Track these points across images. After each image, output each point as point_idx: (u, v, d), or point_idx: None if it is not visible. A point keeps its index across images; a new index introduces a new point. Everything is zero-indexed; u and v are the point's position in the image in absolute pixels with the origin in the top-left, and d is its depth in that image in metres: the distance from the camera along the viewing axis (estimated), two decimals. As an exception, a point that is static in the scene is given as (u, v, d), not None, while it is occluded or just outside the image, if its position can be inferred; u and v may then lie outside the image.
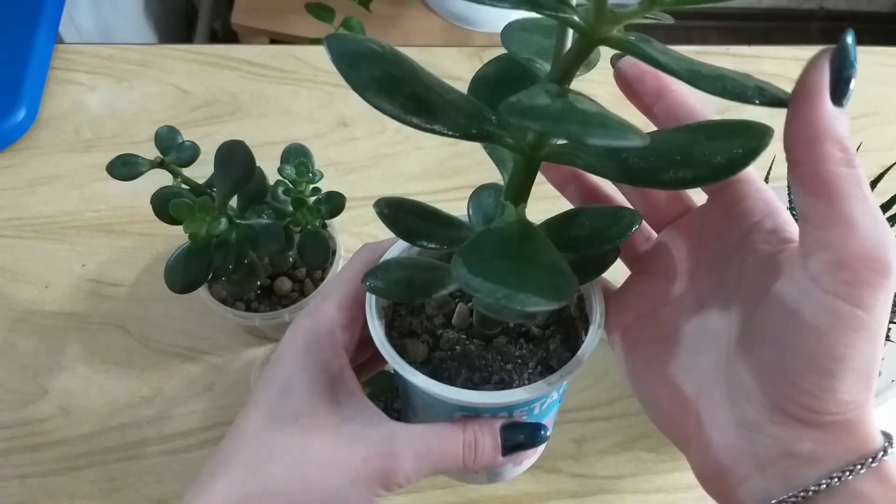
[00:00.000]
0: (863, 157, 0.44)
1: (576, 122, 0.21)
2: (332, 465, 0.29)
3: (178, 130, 0.46)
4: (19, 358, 0.55)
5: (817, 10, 1.67)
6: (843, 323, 0.22)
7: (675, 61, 0.25)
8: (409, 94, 0.28)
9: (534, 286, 0.24)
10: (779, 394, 0.24)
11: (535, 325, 0.34)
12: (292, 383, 0.31)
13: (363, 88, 0.27)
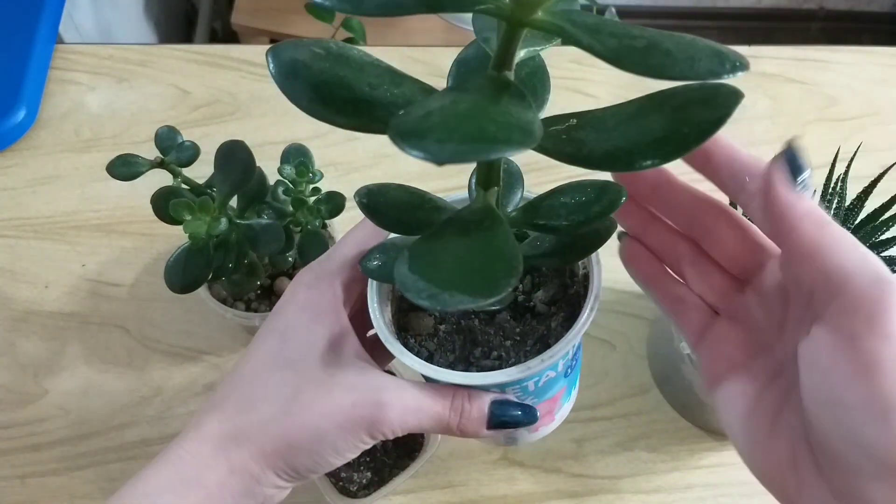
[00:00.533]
0: (863, 157, 0.44)
1: (446, 134, 0.21)
2: (321, 407, 0.30)
3: (178, 130, 0.46)
4: (19, 358, 0.55)
5: (817, 10, 1.67)
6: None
7: (603, 38, 0.23)
8: (347, 99, 0.27)
9: (463, 284, 0.25)
10: (838, 469, 0.23)
11: (541, 302, 0.34)
12: (290, 332, 0.32)
13: (298, 98, 0.27)
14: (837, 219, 0.42)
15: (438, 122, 0.22)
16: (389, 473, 0.49)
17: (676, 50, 0.23)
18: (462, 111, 0.23)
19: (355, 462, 0.49)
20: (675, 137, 0.25)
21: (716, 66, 0.23)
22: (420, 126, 0.22)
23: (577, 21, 0.24)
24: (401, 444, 0.50)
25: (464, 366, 0.33)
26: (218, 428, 0.31)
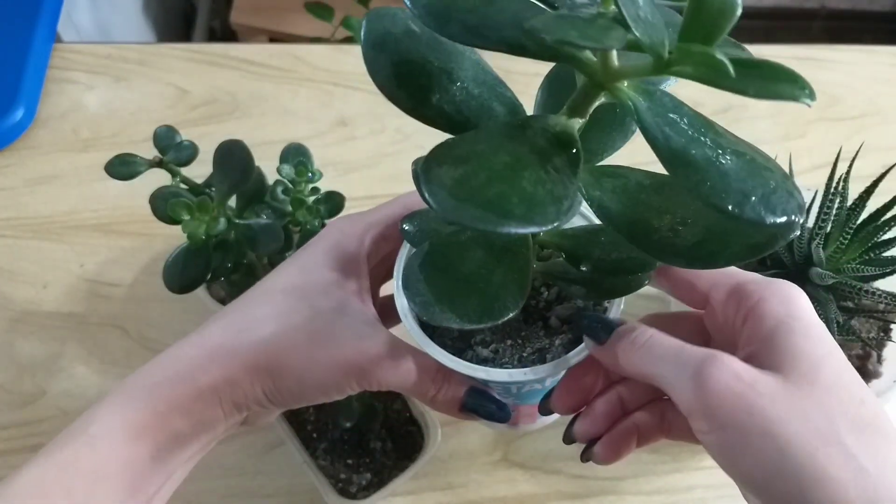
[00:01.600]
0: (863, 156, 0.44)
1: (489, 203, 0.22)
2: (322, 345, 0.31)
3: (176, 130, 0.45)
4: (17, 358, 0.55)
5: (819, 8, 1.67)
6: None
7: (669, 135, 0.23)
8: (422, 85, 0.27)
9: (459, 303, 0.26)
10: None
11: (556, 317, 0.34)
12: (313, 269, 0.33)
13: (375, 72, 0.28)
14: (839, 219, 0.42)
15: (464, 176, 0.22)
16: (389, 475, 0.48)
17: (734, 177, 0.22)
18: (494, 169, 0.23)
19: (355, 463, 0.49)
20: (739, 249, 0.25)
21: (761, 212, 0.22)
22: (445, 175, 0.22)
23: (653, 105, 0.23)
24: (400, 445, 0.50)
25: (462, 346, 0.34)
26: (219, 337, 0.32)
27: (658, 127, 0.23)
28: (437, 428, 0.48)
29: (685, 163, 0.22)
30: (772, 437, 0.25)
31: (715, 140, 0.23)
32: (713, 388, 0.26)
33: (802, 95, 0.21)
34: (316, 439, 0.50)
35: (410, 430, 0.51)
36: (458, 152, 0.23)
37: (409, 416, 0.51)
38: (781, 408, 0.25)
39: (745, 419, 0.25)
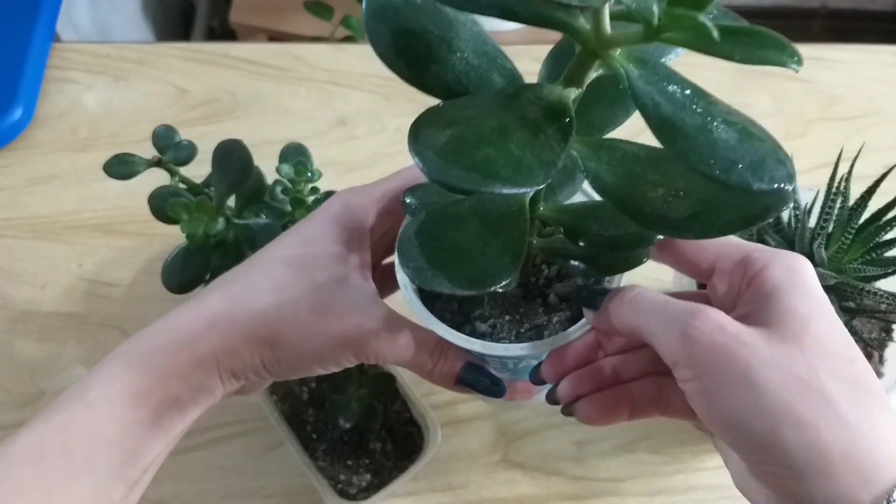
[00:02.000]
0: (864, 156, 0.44)
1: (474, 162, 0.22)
2: (322, 316, 0.32)
3: (175, 129, 0.45)
4: (16, 358, 0.55)
5: (820, 8, 1.67)
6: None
7: (659, 101, 0.23)
8: (422, 54, 0.27)
9: (452, 271, 0.26)
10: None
11: (556, 294, 0.35)
12: (315, 240, 0.33)
13: (376, 41, 0.27)
14: (841, 219, 0.42)
15: (452, 138, 0.23)
16: (389, 476, 0.48)
17: (722, 145, 0.22)
18: (482, 133, 0.23)
19: (355, 464, 0.49)
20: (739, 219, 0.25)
21: (748, 178, 0.22)
22: (433, 136, 0.23)
23: (645, 72, 0.23)
24: (400, 446, 0.50)
25: (461, 320, 0.35)
26: (219, 305, 0.32)
27: (648, 95, 0.23)
28: (436, 429, 0.48)
29: (674, 130, 0.22)
30: (751, 381, 0.25)
31: (706, 109, 0.23)
32: (696, 337, 0.26)
33: (790, 61, 0.21)
34: (316, 440, 0.50)
35: (410, 431, 0.51)
36: (448, 116, 0.24)
37: (408, 416, 0.51)
38: (763, 356, 0.25)
39: (725, 365, 0.25)
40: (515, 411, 0.53)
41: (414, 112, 0.26)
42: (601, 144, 0.28)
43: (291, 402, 0.51)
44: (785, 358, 0.25)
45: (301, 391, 0.51)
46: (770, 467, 0.26)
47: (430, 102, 0.31)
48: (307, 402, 0.51)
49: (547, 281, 0.35)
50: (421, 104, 0.74)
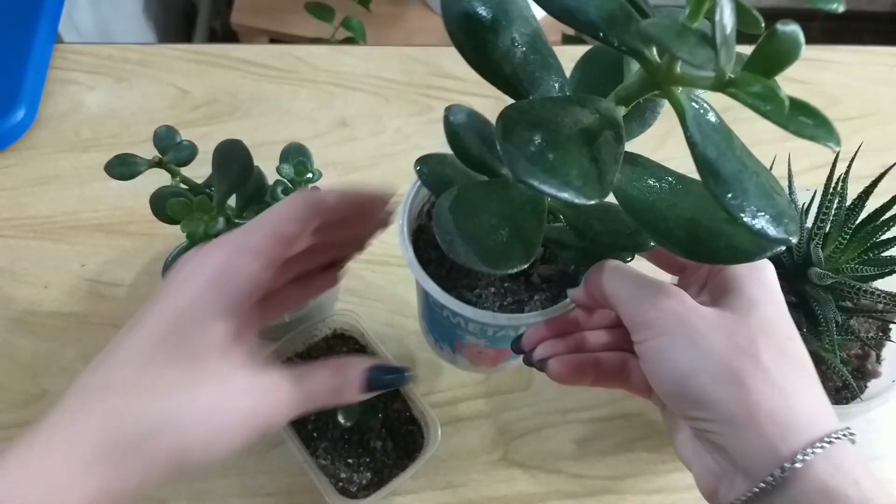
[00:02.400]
0: (863, 156, 0.44)
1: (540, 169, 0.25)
2: (221, 410, 0.28)
3: (176, 130, 0.45)
4: (18, 358, 0.55)
5: (818, 8, 1.67)
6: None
7: (708, 149, 0.26)
8: (488, 41, 0.30)
9: (482, 250, 0.29)
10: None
11: (539, 275, 0.38)
12: (191, 315, 0.29)
13: (449, 22, 0.30)
14: (838, 219, 0.42)
15: (539, 144, 0.26)
16: (389, 474, 0.48)
17: (752, 194, 0.25)
18: (561, 142, 0.26)
19: (355, 463, 0.49)
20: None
21: (769, 228, 0.26)
22: (523, 138, 0.26)
23: (697, 114, 0.26)
24: (401, 444, 0.50)
25: (448, 286, 0.37)
26: (97, 434, 0.26)
27: (699, 135, 0.26)
28: (437, 427, 0.48)
29: (715, 172, 0.26)
30: (697, 343, 0.28)
31: (740, 158, 0.27)
32: (657, 304, 0.29)
33: (834, 144, 0.24)
34: (316, 438, 0.50)
35: (410, 429, 0.51)
36: (531, 117, 0.27)
37: (409, 415, 0.51)
38: (711, 324, 0.29)
39: (676, 328, 0.29)
40: (515, 410, 0.54)
41: (414, 113, 0.26)
42: (627, 158, 0.30)
43: None
44: (729, 328, 0.29)
45: None
46: (705, 423, 0.28)
47: (429, 104, 0.32)
48: None
49: (532, 263, 0.37)
50: (422, 105, 0.75)
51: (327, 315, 0.53)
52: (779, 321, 0.30)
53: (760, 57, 0.23)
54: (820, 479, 0.26)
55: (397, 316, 0.57)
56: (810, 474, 0.26)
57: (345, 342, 0.54)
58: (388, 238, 0.63)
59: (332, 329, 0.54)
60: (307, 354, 0.54)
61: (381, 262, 0.59)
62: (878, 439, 0.54)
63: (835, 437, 0.27)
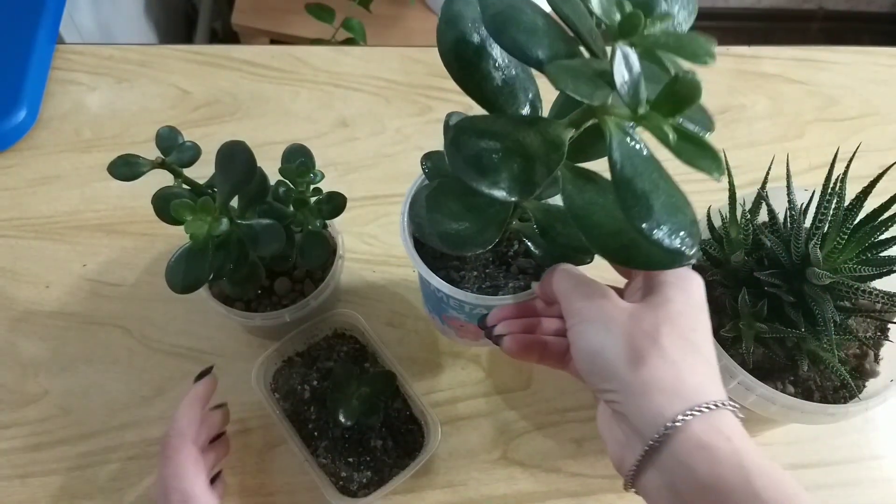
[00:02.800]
0: (862, 157, 0.44)
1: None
2: None
3: (178, 131, 0.46)
4: (20, 358, 0.55)
5: (817, 10, 1.67)
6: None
7: (625, 169, 0.31)
8: (473, 63, 0.35)
9: (445, 234, 0.34)
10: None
11: (517, 266, 0.44)
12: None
13: (440, 43, 0.34)
14: (836, 219, 0.42)
15: (477, 150, 0.31)
16: (389, 473, 0.49)
17: (657, 210, 0.30)
18: (498, 151, 0.32)
19: (355, 461, 0.49)
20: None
21: (664, 239, 0.30)
22: (467, 144, 0.31)
23: (622, 139, 0.31)
24: (401, 443, 0.50)
25: (438, 266, 0.42)
26: None
27: (618, 157, 0.31)
28: (437, 426, 0.49)
29: (627, 188, 0.31)
30: (608, 327, 0.33)
31: (654, 181, 0.31)
32: (587, 298, 0.35)
33: (717, 174, 0.29)
34: (317, 437, 0.50)
35: (411, 428, 0.51)
36: (479, 128, 0.32)
37: (409, 414, 0.51)
38: (624, 313, 0.34)
39: (596, 316, 0.34)
40: (515, 410, 0.54)
41: (414, 114, 0.26)
42: (580, 172, 0.35)
43: (293, 400, 0.52)
44: (639, 316, 0.34)
45: (303, 389, 0.52)
46: (610, 394, 0.33)
47: (428, 105, 0.34)
48: (309, 401, 0.52)
49: (514, 254, 0.45)
50: (421, 106, 0.75)
51: (328, 314, 0.53)
52: (686, 316, 0.34)
53: (665, 98, 0.29)
54: (697, 436, 0.30)
55: (398, 315, 0.57)
56: (689, 432, 0.30)
57: (345, 341, 0.55)
58: (388, 238, 0.63)
59: (332, 328, 0.54)
60: (308, 354, 0.54)
61: (381, 262, 0.59)
62: (877, 439, 0.54)
63: (714, 406, 0.31)
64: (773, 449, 0.53)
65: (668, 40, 0.29)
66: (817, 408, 0.42)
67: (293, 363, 0.54)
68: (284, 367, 0.54)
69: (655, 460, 0.32)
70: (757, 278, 0.43)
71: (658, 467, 0.32)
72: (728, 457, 0.30)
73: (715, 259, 0.46)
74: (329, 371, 0.53)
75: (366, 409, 0.49)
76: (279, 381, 0.53)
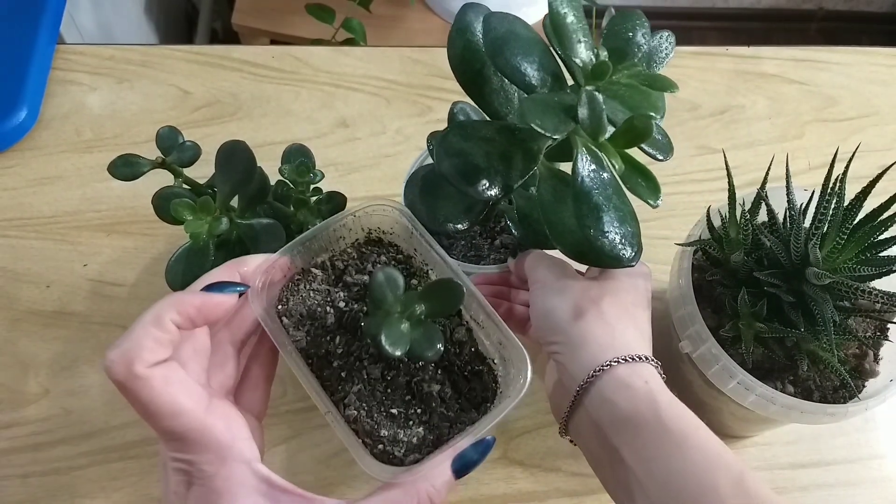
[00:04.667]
0: (861, 157, 0.44)
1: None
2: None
3: (179, 131, 0.46)
4: (21, 357, 0.55)
5: (816, 10, 1.67)
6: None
7: (584, 182, 0.37)
8: (477, 71, 0.40)
9: (431, 213, 0.41)
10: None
11: (501, 242, 0.49)
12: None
13: (450, 48, 0.40)
14: (836, 219, 0.43)
15: (460, 151, 0.38)
16: (450, 430, 0.37)
17: (605, 221, 0.37)
18: (480, 154, 0.38)
19: (401, 414, 0.37)
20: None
21: (605, 245, 0.37)
22: (452, 144, 0.38)
23: (587, 158, 0.37)
24: (462, 389, 0.39)
25: (428, 229, 0.45)
26: None
27: (582, 172, 0.36)
28: (526, 363, 0.36)
29: (583, 199, 0.36)
30: (561, 291, 0.40)
31: (609, 196, 0.37)
32: (548, 269, 0.41)
33: (652, 201, 0.37)
34: (345, 381, 0.37)
35: (478, 369, 0.39)
36: (465, 132, 0.38)
37: (473, 350, 0.39)
38: (576, 282, 0.40)
39: (553, 283, 0.40)
40: (515, 410, 0.54)
41: (414, 114, 0.27)
42: (555, 173, 0.40)
43: (311, 327, 0.38)
44: (587, 286, 0.40)
45: (326, 312, 0.39)
46: (555, 346, 0.38)
47: (429, 105, 0.36)
48: (333, 327, 0.39)
49: (500, 230, 0.50)
50: (421, 106, 0.76)
51: (358, 208, 0.40)
52: (629, 293, 0.40)
53: (622, 134, 0.35)
54: (620, 377, 0.36)
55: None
56: (613, 374, 0.36)
57: (382, 248, 0.42)
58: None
59: (365, 229, 0.41)
60: (331, 265, 0.41)
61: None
62: (877, 438, 0.54)
63: (638, 358, 0.37)
64: (773, 448, 0.54)
65: (624, 92, 0.35)
66: (817, 407, 0.42)
67: (310, 276, 0.40)
68: (298, 280, 0.40)
69: (585, 400, 0.37)
70: (756, 278, 0.43)
71: (587, 405, 0.37)
72: (643, 394, 0.35)
73: (714, 259, 0.47)
74: (362, 288, 0.40)
75: (422, 337, 0.35)
76: (290, 302, 0.39)
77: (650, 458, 0.34)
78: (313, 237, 0.40)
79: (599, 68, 0.35)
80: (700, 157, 0.65)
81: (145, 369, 0.30)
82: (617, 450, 0.35)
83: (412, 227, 0.40)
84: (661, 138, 0.38)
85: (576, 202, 0.36)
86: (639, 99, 0.34)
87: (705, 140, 0.66)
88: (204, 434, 0.31)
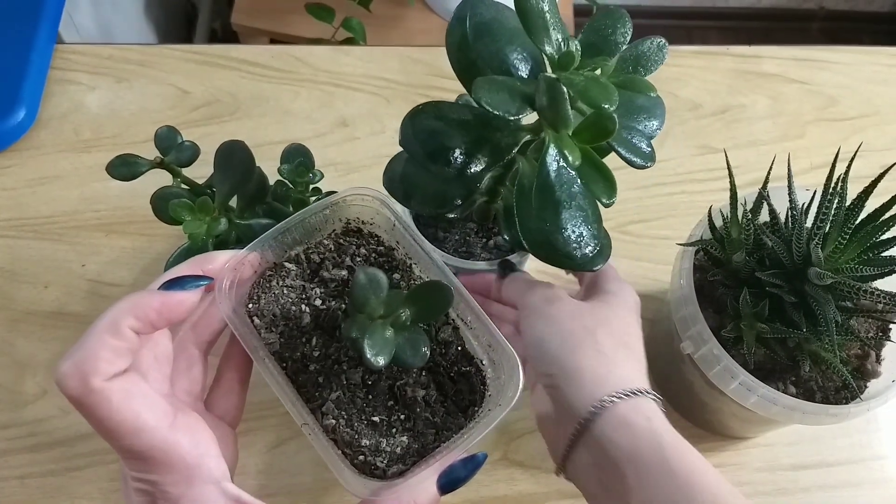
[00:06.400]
0: (863, 156, 0.44)
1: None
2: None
3: (177, 130, 0.46)
4: (19, 358, 0.55)
5: (817, 9, 1.67)
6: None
7: (550, 177, 0.36)
8: (472, 60, 0.38)
9: (413, 199, 0.39)
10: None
11: (494, 241, 0.49)
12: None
13: (449, 34, 0.39)
14: (838, 219, 0.42)
15: (430, 131, 0.36)
16: (435, 438, 0.34)
17: (563, 218, 0.36)
18: (447, 135, 0.37)
19: (384, 422, 0.35)
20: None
21: (559, 241, 0.36)
22: (422, 124, 0.37)
23: (556, 151, 0.35)
24: (449, 393, 0.37)
25: (427, 222, 0.46)
26: None
27: (549, 166, 0.36)
28: (517, 365, 0.35)
29: (545, 193, 0.36)
30: (555, 320, 0.38)
31: (573, 194, 0.36)
32: (536, 294, 0.40)
33: (605, 198, 0.35)
34: (322, 386, 0.34)
35: (465, 370, 0.37)
36: (436, 112, 0.37)
37: (460, 349, 0.37)
38: (568, 307, 0.39)
39: (543, 308, 0.39)
40: (515, 410, 0.54)
41: (414, 113, 0.26)
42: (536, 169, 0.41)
43: (285, 328, 0.36)
44: (580, 315, 0.38)
45: (301, 312, 0.36)
46: (550, 378, 0.37)
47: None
48: (310, 328, 0.36)
49: (497, 231, 0.49)
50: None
51: (338, 197, 0.38)
52: (622, 320, 0.39)
53: (585, 128, 0.34)
54: (621, 415, 0.34)
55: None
56: (614, 411, 0.34)
57: (362, 240, 0.40)
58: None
59: (343, 220, 0.39)
60: (306, 258, 0.38)
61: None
62: (879, 439, 0.54)
63: (638, 392, 0.35)
64: (775, 450, 0.53)
65: (584, 84, 0.34)
66: (819, 408, 0.42)
67: (283, 272, 0.37)
68: (270, 276, 0.37)
69: (585, 439, 0.35)
70: (758, 278, 0.43)
71: (586, 445, 0.35)
72: (646, 433, 0.33)
73: (716, 259, 0.46)
74: (340, 283, 0.37)
75: (407, 343, 0.33)
76: (261, 301, 0.36)
77: (654, 500, 0.32)
78: (287, 229, 0.37)
79: (565, 58, 0.34)
80: (701, 157, 0.65)
81: (102, 382, 0.28)
82: (619, 492, 0.33)
83: (394, 219, 0.38)
84: (645, 146, 0.37)
85: (537, 194, 0.36)
86: (596, 92, 0.32)
87: (706, 139, 0.66)
88: (168, 453, 0.29)
